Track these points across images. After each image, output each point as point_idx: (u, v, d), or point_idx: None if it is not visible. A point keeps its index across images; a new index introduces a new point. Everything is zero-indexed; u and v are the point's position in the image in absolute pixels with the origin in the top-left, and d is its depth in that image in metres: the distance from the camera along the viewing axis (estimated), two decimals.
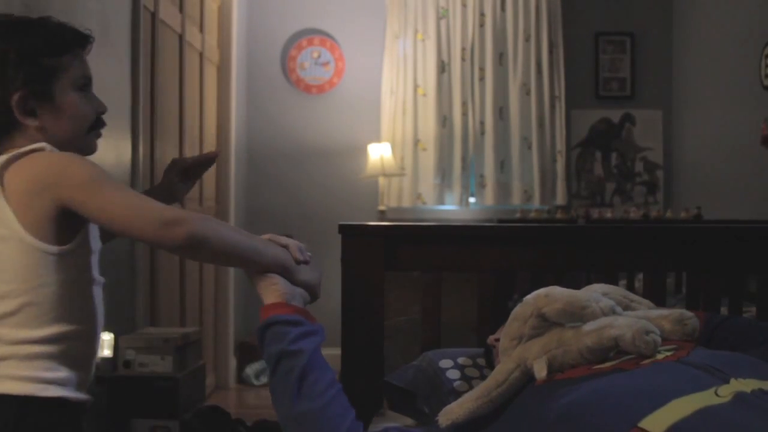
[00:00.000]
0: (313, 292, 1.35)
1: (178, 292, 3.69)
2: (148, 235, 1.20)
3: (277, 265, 1.29)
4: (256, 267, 1.28)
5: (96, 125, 1.36)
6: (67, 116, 1.30)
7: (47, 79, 1.27)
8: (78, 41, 1.33)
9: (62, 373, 1.27)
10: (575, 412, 1.06)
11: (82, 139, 1.34)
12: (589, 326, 1.25)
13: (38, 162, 1.24)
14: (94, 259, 1.33)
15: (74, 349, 1.29)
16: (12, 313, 1.24)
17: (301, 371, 1.21)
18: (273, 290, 1.28)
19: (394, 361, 1.94)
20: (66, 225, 1.25)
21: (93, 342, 1.35)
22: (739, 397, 1.00)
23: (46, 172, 1.23)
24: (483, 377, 1.70)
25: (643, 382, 1.08)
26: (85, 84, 1.34)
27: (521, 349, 1.29)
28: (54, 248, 1.24)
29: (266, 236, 1.35)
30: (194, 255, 1.27)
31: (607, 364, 1.19)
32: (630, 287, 2.67)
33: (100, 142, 1.40)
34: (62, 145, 1.29)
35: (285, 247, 1.33)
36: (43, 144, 1.26)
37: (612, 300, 1.35)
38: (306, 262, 1.33)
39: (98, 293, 1.34)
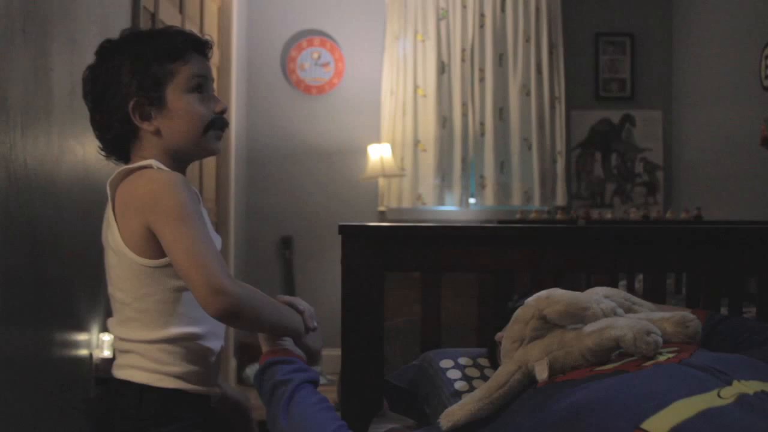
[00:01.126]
0: (313, 357, 1.42)
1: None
2: (195, 292, 1.25)
3: (292, 332, 1.39)
4: (275, 333, 1.38)
5: (213, 125, 1.42)
6: (180, 118, 1.38)
7: (158, 85, 1.37)
8: (189, 45, 1.40)
9: (178, 368, 1.37)
10: (577, 414, 1.06)
11: (198, 139, 1.41)
12: (590, 327, 1.25)
13: (140, 182, 1.32)
14: None
15: (191, 347, 1.38)
16: (132, 319, 1.37)
17: (291, 392, 1.28)
18: (276, 344, 1.37)
19: (394, 361, 1.95)
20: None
21: (210, 340, 1.42)
22: (742, 399, 1.00)
23: (142, 195, 1.31)
24: (483, 377, 1.70)
25: (645, 383, 1.08)
26: (199, 84, 1.40)
27: (523, 351, 1.29)
28: (151, 262, 1.33)
29: (286, 299, 1.43)
30: (227, 323, 1.32)
31: (609, 366, 1.19)
32: (630, 288, 2.67)
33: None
34: (180, 147, 1.40)
35: (301, 312, 1.42)
36: (150, 161, 1.35)
37: (613, 302, 1.35)
38: (314, 329, 1.43)
39: None
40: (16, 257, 1.88)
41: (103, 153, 1.45)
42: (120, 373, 1.39)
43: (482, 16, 5.09)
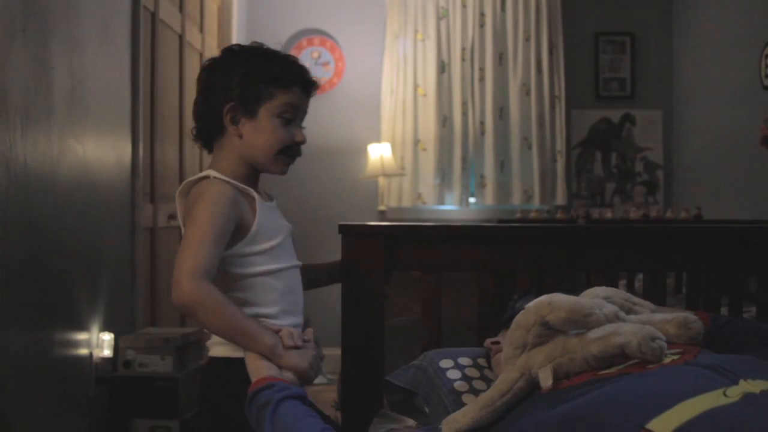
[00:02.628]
0: (301, 376, 1.43)
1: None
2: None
3: (265, 349, 1.42)
4: (245, 347, 1.43)
5: (285, 150, 1.60)
6: (262, 133, 1.55)
7: (256, 100, 1.54)
8: (298, 83, 1.58)
9: None
10: (581, 414, 1.06)
11: (269, 156, 1.59)
12: (594, 334, 1.24)
13: (197, 192, 1.50)
14: (271, 254, 1.55)
15: (266, 325, 1.48)
16: None
17: (273, 409, 1.28)
18: (257, 374, 1.39)
19: (394, 361, 1.94)
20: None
21: (284, 318, 1.53)
22: (748, 398, 1.00)
23: (192, 201, 1.49)
24: (483, 377, 1.70)
25: (650, 384, 1.07)
26: (288, 115, 1.58)
27: (525, 357, 1.28)
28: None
29: (263, 323, 1.48)
30: (188, 316, 1.45)
31: (613, 369, 1.18)
32: (630, 287, 2.67)
33: (99, 141, 1.42)
34: (252, 158, 1.57)
35: (278, 332, 1.45)
36: (208, 172, 1.53)
37: (614, 304, 1.34)
38: (296, 347, 1.44)
39: (288, 276, 1.57)
40: (16, 257, 1.88)
41: (193, 135, 1.61)
42: (211, 351, 1.54)
43: (482, 15, 5.09)
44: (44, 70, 2.06)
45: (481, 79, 5.08)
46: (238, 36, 4.74)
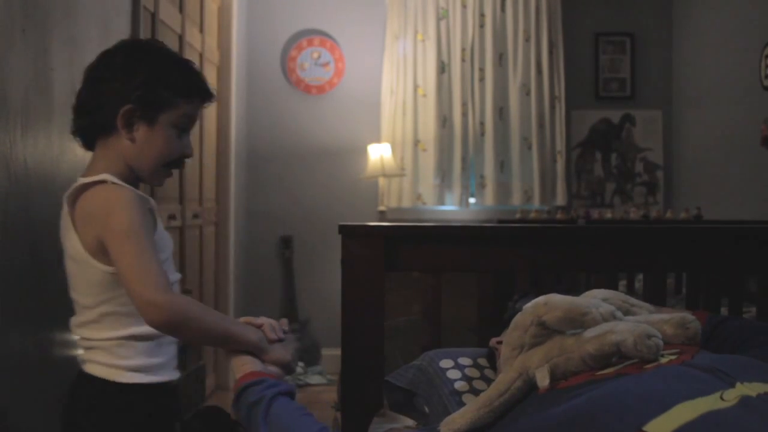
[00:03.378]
0: (285, 368, 1.42)
1: (178, 293, 3.69)
2: (136, 304, 1.34)
3: (250, 346, 1.38)
4: (230, 348, 1.39)
5: (174, 164, 1.52)
6: (155, 142, 1.46)
7: (157, 107, 1.44)
8: (200, 93, 1.50)
9: (137, 361, 1.47)
10: (579, 416, 1.05)
11: (156, 168, 1.49)
12: (590, 333, 1.24)
13: (96, 196, 1.41)
14: (164, 266, 1.45)
15: (150, 343, 1.48)
16: (95, 321, 1.46)
17: (266, 407, 1.27)
18: (242, 369, 1.36)
19: (394, 361, 1.94)
20: None
21: (168, 336, 1.50)
22: (745, 401, 1.00)
23: (97, 209, 1.40)
24: (483, 377, 1.70)
25: (647, 385, 1.07)
26: (184, 126, 1.50)
27: (523, 358, 1.29)
28: (110, 269, 1.41)
29: (243, 319, 1.45)
30: (169, 333, 1.40)
31: (610, 370, 1.18)
32: (630, 288, 2.67)
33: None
34: (139, 165, 1.47)
35: (260, 326, 1.43)
36: (104, 176, 1.42)
37: (612, 305, 1.35)
38: (280, 340, 1.43)
39: (175, 290, 1.50)
40: (16, 257, 1.88)
41: (72, 130, 1.51)
42: (84, 367, 1.49)
43: (482, 15, 5.09)
44: (44, 70, 2.06)
45: (481, 79, 5.08)
46: (238, 36, 4.75)
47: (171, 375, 1.55)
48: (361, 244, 1.76)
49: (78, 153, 2.33)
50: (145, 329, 1.44)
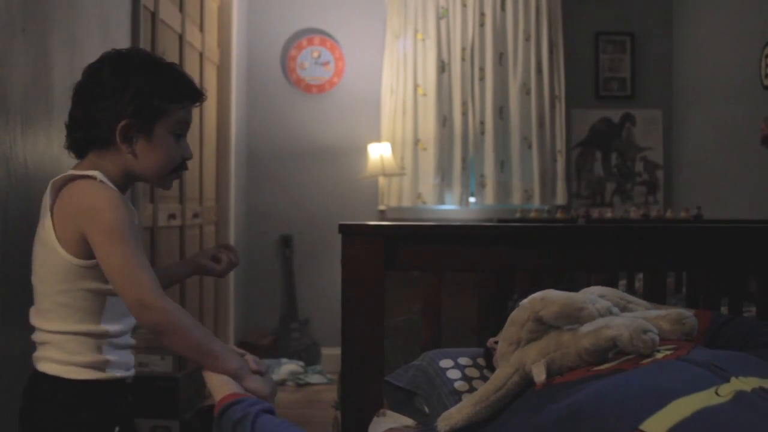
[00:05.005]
0: (261, 401, 1.41)
1: (178, 293, 3.70)
2: (126, 303, 1.36)
3: (231, 371, 1.39)
4: (210, 367, 1.40)
5: (178, 168, 1.54)
6: (157, 153, 1.48)
7: (152, 118, 1.45)
8: (191, 96, 1.51)
9: (90, 357, 1.46)
10: (576, 414, 1.06)
11: (162, 175, 1.52)
12: (586, 328, 1.24)
13: (82, 191, 1.41)
14: None
15: (104, 341, 1.47)
16: (47, 310, 1.46)
17: (251, 423, 1.27)
18: (222, 390, 1.37)
19: (394, 361, 1.95)
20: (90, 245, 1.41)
21: (125, 337, 1.53)
22: (739, 396, 1.00)
23: (81, 204, 1.40)
24: (483, 377, 1.70)
25: (643, 381, 1.07)
26: (180, 131, 1.51)
27: (519, 353, 1.29)
28: (80, 261, 1.41)
29: (229, 346, 1.46)
30: (157, 337, 1.40)
31: (607, 365, 1.19)
32: (630, 287, 2.67)
33: None
34: (144, 174, 1.49)
35: (243, 355, 1.44)
36: (95, 172, 1.43)
37: (609, 301, 1.35)
38: (260, 373, 1.43)
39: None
40: (16, 257, 1.88)
41: (66, 145, 1.51)
42: (38, 366, 1.48)
43: (482, 15, 5.09)
44: (44, 70, 2.06)
45: (481, 78, 5.08)
46: (238, 35, 4.74)
47: (125, 372, 1.54)
48: (361, 244, 1.76)
49: None
50: (98, 328, 1.46)
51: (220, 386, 1.37)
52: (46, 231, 1.44)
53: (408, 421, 1.73)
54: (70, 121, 1.48)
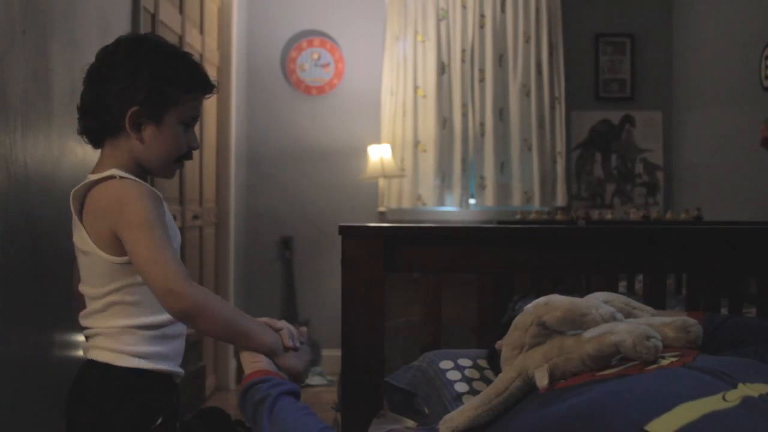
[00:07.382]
0: (296, 378, 1.42)
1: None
2: (155, 293, 1.36)
3: (264, 349, 1.39)
4: (245, 347, 1.40)
5: (184, 157, 1.54)
6: (164, 141, 1.47)
7: (163, 106, 1.44)
8: (203, 87, 1.51)
9: (141, 348, 1.46)
10: (580, 413, 1.05)
11: (168, 164, 1.52)
12: (589, 333, 1.24)
13: (107, 191, 1.43)
14: None
15: (155, 333, 1.48)
16: (100, 310, 1.47)
17: (271, 404, 1.28)
18: (252, 367, 1.37)
19: (394, 361, 1.94)
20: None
21: (175, 326, 1.52)
22: (747, 401, 1.00)
23: (110, 203, 1.41)
24: (483, 378, 1.70)
25: (649, 386, 1.07)
26: (191, 119, 1.51)
27: (522, 358, 1.29)
28: (118, 259, 1.43)
29: (262, 319, 1.45)
30: (186, 323, 1.42)
31: (611, 371, 1.18)
32: (630, 288, 2.67)
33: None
34: (149, 162, 1.49)
35: (279, 330, 1.43)
36: (112, 172, 1.44)
37: (614, 307, 1.34)
38: (295, 349, 1.43)
39: None
40: (16, 257, 1.88)
41: (79, 131, 1.51)
42: (88, 354, 1.49)
43: (482, 16, 5.09)
44: (44, 70, 2.06)
45: (481, 80, 5.08)
46: (238, 37, 4.75)
47: (175, 367, 1.54)
48: (361, 245, 1.76)
49: (78, 153, 2.33)
50: (150, 320, 1.46)
51: (249, 362, 1.37)
52: (82, 239, 1.45)
53: (408, 422, 1.73)
54: (82, 106, 1.48)
